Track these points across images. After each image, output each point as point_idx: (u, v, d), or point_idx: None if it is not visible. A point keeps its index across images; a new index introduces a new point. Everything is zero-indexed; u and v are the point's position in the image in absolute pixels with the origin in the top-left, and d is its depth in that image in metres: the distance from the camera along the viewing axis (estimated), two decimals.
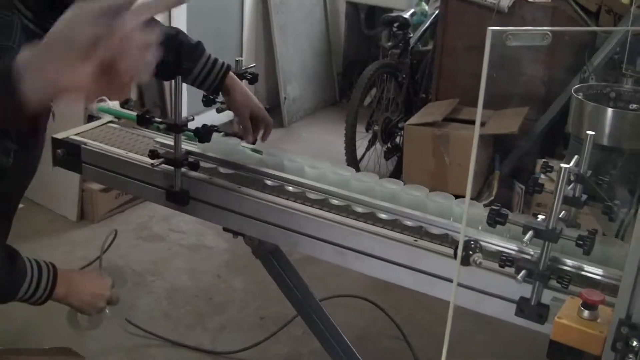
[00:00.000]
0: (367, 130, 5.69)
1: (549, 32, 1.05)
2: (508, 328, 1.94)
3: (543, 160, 1.84)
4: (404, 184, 2.12)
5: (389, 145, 5.73)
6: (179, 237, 4.75)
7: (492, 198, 4.65)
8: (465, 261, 1.52)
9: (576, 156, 1.86)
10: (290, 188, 2.18)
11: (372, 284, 3.81)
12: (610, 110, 2.52)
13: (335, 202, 2.09)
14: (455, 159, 4.88)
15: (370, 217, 2.05)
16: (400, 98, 5.86)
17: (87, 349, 3.57)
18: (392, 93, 5.81)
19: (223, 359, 3.65)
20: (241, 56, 6.69)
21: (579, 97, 2.61)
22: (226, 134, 2.58)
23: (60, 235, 4.69)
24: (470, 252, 1.54)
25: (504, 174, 4.99)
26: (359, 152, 5.67)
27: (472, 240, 1.57)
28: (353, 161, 5.50)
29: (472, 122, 5.08)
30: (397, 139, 5.77)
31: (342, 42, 7.92)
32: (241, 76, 2.53)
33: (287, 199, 2.16)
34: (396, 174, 5.59)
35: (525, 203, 4.70)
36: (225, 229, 2.33)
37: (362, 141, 5.69)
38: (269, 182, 2.22)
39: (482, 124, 5.01)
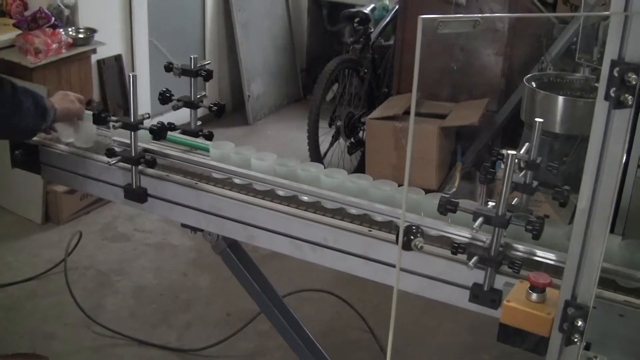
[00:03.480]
0: (330, 126, 5.70)
1: (479, 19, 1.07)
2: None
3: (494, 149, 1.87)
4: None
5: (352, 140, 5.74)
6: (144, 237, 4.75)
7: (455, 189, 4.69)
8: (407, 246, 1.55)
9: (527, 143, 1.89)
10: (238, 180, 2.22)
11: (339, 278, 3.83)
12: (561, 98, 2.55)
13: (281, 192, 2.13)
14: (417, 151, 4.91)
15: (319, 208, 2.08)
16: (362, 93, 5.87)
17: (53, 351, 3.57)
18: (355, 88, 5.83)
19: (190, 356, 3.65)
20: (204, 55, 6.68)
21: (531, 85, 2.65)
22: (184, 132, 2.60)
23: (25, 237, 4.66)
24: (412, 237, 1.56)
25: (466, 165, 5.03)
26: (323, 147, 5.68)
27: (413, 226, 1.59)
28: (317, 157, 5.51)
29: (434, 116, 5.12)
30: (360, 134, 5.79)
31: (305, 39, 7.93)
32: (196, 73, 2.54)
33: (243, 193, 2.19)
34: (360, 168, 5.60)
35: (487, 193, 4.73)
36: (183, 225, 2.35)
37: (326, 137, 5.70)
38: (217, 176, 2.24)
39: (443, 116, 5.05)
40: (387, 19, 6.38)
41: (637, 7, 1.18)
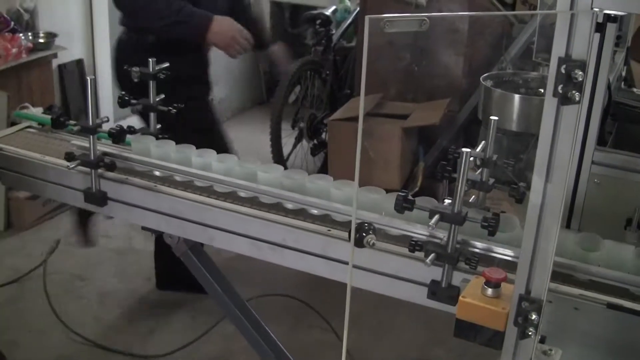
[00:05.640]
0: (293, 128, 5.72)
1: (426, 19, 1.09)
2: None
3: (450, 147, 1.89)
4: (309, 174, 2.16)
5: (315, 141, 5.77)
6: (107, 242, 4.73)
7: (417, 189, 4.71)
8: (359, 243, 1.56)
9: (483, 141, 1.92)
10: (200, 183, 2.22)
11: (303, 279, 3.82)
12: (516, 97, 2.58)
13: (242, 194, 2.14)
14: (380, 153, 4.92)
15: (279, 208, 2.10)
16: (324, 94, 5.90)
17: (16, 358, 3.54)
18: (317, 90, 5.85)
19: None
20: None
21: (487, 84, 2.68)
22: (143, 133, 2.59)
23: None
24: (364, 234, 1.58)
25: (429, 165, 5.04)
26: (287, 149, 5.70)
27: (365, 223, 1.61)
28: (280, 159, 5.52)
29: (396, 116, 5.13)
30: (323, 135, 5.81)
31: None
32: (154, 76, 2.53)
33: (202, 195, 2.19)
34: (324, 169, 5.62)
35: (449, 192, 4.75)
36: (144, 228, 2.35)
37: (289, 139, 5.72)
38: (178, 178, 2.26)
39: (405, 117, 5.07)
40: (349, 21, 6.41)
41: (582, 5, 1.21)
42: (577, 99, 1.24)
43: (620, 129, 2.92)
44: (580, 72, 1.22)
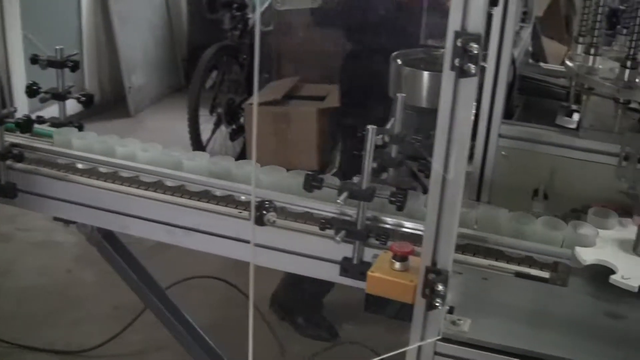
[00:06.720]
0: (211, 113, 5.70)
1: None
2: None
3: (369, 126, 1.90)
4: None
5: (234, 126, 5.75)
6: (26, 236, 4.65)
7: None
8: (260, 221, 1.57)
9: (393, 118, 1.94)
10: (103, 169, 2.20)
11: (228, 265, 3.81)
12: (425, 73, 2.61)
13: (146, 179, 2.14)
14: (298, 135, 4.93)
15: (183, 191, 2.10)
16: (242, 79, 5.88)
17: None
18: (234, 74, 5.83)
19: (77, 357, 3.60)
20: (81, 47, 6.58)
21: (397, 62, 2.70)
22: (53, 124, 2.55)
23: None
24: (264, 212, 1.59)
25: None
26: (206, 135, 5.67)
27: (266, 201, 1.62)
28: (198, 145, 5.51)
29: (313, 98, 5.15)
30: (242, 120, 5.80)
31: (186, 28, 7.88)
32: (62, 64, 2.50)
33: (112, 182, 2.17)
34: (243, 154, 5.61)
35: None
36: (55, 219, 2.32)
37: (208, 124, 5.69)
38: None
39: (322, 98, 5.09)
40: (266, 5, 6.39)
41: None
42: (473, 71, 1.26)
43: (528, 102, 2.98)
44: (476, 45, 1.24)
